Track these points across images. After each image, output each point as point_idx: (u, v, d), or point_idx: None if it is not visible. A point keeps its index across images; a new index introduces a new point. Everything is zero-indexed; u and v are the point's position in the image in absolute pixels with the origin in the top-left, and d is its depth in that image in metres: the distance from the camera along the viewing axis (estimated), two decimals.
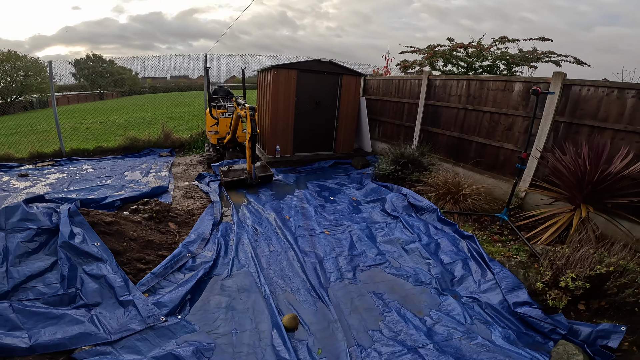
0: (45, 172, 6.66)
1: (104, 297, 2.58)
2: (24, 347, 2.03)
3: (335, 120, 7.29)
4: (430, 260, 3.36)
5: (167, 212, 4.37)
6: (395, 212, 4.44)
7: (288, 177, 6.13)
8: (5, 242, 2.81)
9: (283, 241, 3.78)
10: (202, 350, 2.20)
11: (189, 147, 8.17)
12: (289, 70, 6.37)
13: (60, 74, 38.39)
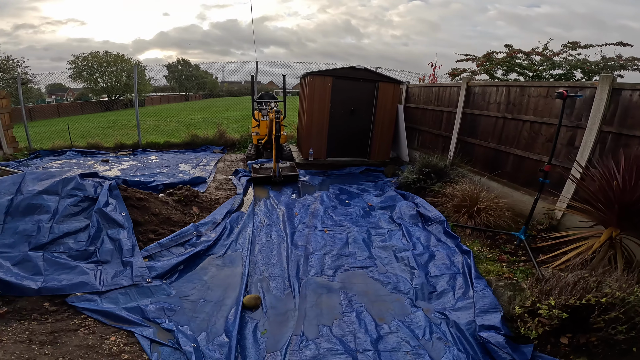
0: (122, 160, 7.94)
1: (113, 256, 3.08)
2: (34, 288, 2.60)
3: (370, 128, 7.28)
4: (416, 270, 3.23)
5: (194, 198, 4.91)
6: (400, 219, 4.34)
7: (314, 179, 6.32)
8: (57, 205, 3.51)
9: (282, 233, 3.98)
10: (166, 310, 2.53)
11: (238, 146, 8.94)
12: (324, 77, 6.60)
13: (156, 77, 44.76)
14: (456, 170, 5.56)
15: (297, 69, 8.76)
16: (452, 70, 8.61)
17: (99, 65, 36.61)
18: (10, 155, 8.62)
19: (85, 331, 2.37)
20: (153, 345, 2.24)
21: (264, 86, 32.10)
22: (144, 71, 35.82)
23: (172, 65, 53.00)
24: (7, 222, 3.12)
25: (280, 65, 9.16)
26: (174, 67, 52.74)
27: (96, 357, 2.14)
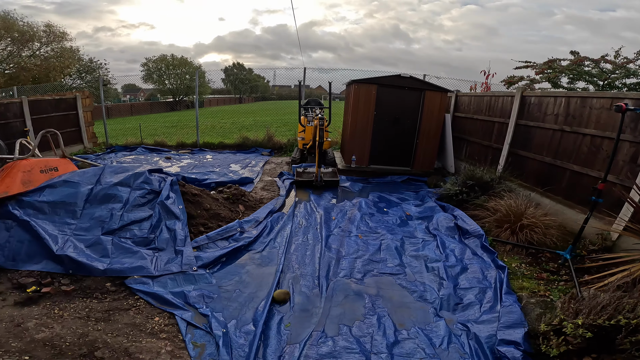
0: (182, 158, 8.84)
1: (168, 245, 3.57)
2: (100, 269, 3.13)
3: (415, 137, 7.26)
4: (445, 281, 3.27)
5: (241, 197, 5.37)
6: (436, 230, 4.36)
7: (355, 186, 6.49)
8: (129, 195, 4.12)
9: (317, 235, 4.22)
10: (205, 296, 2.91)
11: (285, 149, 9.43)
12: (369, 85, 6.76)
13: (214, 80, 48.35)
14: (504, 184, 5.37)
15: (345, 75, 9.03)
16: (508, 78, 8.21)
17: (166, 67, 40.52)
18: (90, 149, 10.05)
19: (135, 311, 2.81)
20: (189, 327, 2.59)
21: (313, 91, 33.09)
22: (203, 74, 38.89)
23: (229, 69, 56.73)
24: (86, 208, 3.77)
25: (329, 70, 9.52)
26: (229, 70, 56.40)
27: (139, 335, 2.53)
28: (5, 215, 3.53)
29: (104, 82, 21.01)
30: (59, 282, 3.06)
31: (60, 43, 24.35)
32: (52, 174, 4.31)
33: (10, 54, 22.21)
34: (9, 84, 20.14)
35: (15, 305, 2.80)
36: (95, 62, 29.55)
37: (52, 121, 9.09)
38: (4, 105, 7.91)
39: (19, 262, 3.23)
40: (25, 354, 2.27)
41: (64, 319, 2.65)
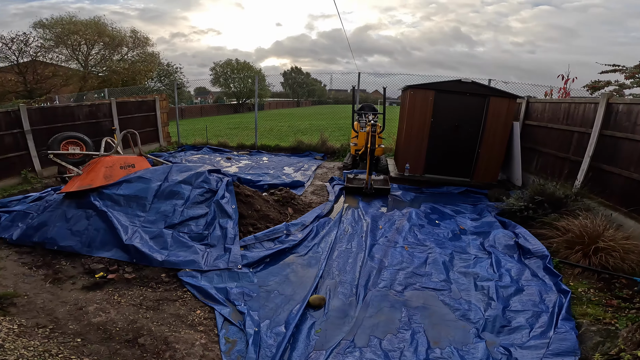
0: (241, 159, 9.48)
1: (219, 242, 3.89)
2: (159, 260, 3.52)
3: (476, 146, 6.84)
4: (494, 301, 3.08)
5: (291, 200, 5.60)
6: (492, 247, 4.10)
7: (406, 195, 6.34)
8: (190, 193, 4.57)
9: (362, 243, 4.24)
10: (245, 294, 3.11)
11: (338, 155, 9.56)
12: (426, 91, 6.55)
13: (273, 84, 50.72)
14: (580, 201, 4.81)
15: (402, 80, 8.86)
16: (592, 83, 7.30)
17: (231, 71, 43.63)
18: (164, 148, 11.27)
19: (181, 302, 3.11)
20: (225, 323, 2.79)
21: (369, 95, 32.89)
22: (264, 78, 41.07)
23: (287, 73, 59.18)
24: (154, 202, 4.27)
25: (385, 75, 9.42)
26: (288, 74, 58.79)
27: (180, 326, 2.80)
28: (87, 205, 4.17)
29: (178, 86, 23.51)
30: (123, 270, 3.52)
31: (143, 48, 27.71)
32: (130, 170, 4.95)
33: (103, 57, 25.83)
34: (101, 86, 23.41)
35: (83, 289, 3.27)
36: (172, 66, 33.07)
37: (135, 121, 10.43)
38: (96, 106, 9.29)
39: (93, 249, 3.81)
40: (79, 336, 2.64)
41: (120, 305, 3.04)
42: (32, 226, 4.21)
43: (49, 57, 23.58)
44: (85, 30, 23.57)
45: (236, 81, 43.84)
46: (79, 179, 4.56)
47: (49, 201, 4.65)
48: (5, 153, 7.01)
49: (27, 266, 3.70)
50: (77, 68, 24.94)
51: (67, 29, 23.07)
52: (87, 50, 24.92)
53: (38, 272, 3.58)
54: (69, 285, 3.33)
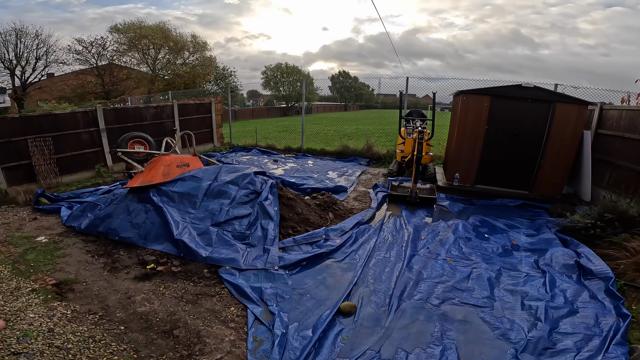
0: (287, 161, 9.80)
1: (259, 242, 4.10)
2: (203, 256, 3.79)
3: (538, 156, 6.36)
4: (540, 322, 2.90)
5: (333, 205, 5.69)
6: (547, 266, 3.86)
7: (454, 206, 6.10)
8: (236, 193, 4.87)
9: (401, 253, 4.19)
10: (278, 296, 3.24)
11: (383, 161, 9.47)
12: (481, 96, 6.23)
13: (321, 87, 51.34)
14: None
15: (455, 84, 8.52)
16: None
17: (281, 75, 45.17)
18: (217, 148, 12.05)
19: (218, 298, 3.31)
20: (255, 321, 2.93)
21: (419, 100, 31.82)
22: (312, 82, 41.86)
23: (335, 77, 59.61)
24: (203, 201, 4.62)
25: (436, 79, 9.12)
26: (336, 78, 59.22)
27: (213, 321, 2.98)
28: (146, 200, 4.64)
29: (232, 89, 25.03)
30: (171, 263, 3.86)
31: (202, 52, 29.87)
32: (185, 169, 5.41)
33: (168, 61, 28.30)
34: (166, 89, 25.68)
35: (134, 279, 3.62)
36: (227, 70, 35.20)
37: (193, 122, 11.32)
38: (160, 108, 10.24)
39: (148, 241, 4.23)
40: (123, 324, 2.92)
41: (164, 296, 3.32)
42: (98, 217, 4.80)
43: (123, 61, 26.52)
44: (154, 35, 26.04)
45: (285, 85, 45.32)
46: (141, 176, 5.09)
47: (116, 194, 5.26)
48: (82, 149, 8.03)
49: (90, 254, 4.19)
50: (146, 71, 27.66)
51: (138, 33, 25.67)
52: (155, 54, 27.50)
53: (99, 260, 4.04)
54: (123, 275, 3.71)
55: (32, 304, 3.15)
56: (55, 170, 7.27)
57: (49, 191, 6.54)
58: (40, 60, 22.34)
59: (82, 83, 24.14)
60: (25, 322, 2.87)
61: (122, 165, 8.42)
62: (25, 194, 6.24)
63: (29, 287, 3.43)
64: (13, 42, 20.73)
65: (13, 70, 21.43)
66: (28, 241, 4.56)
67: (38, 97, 23.24)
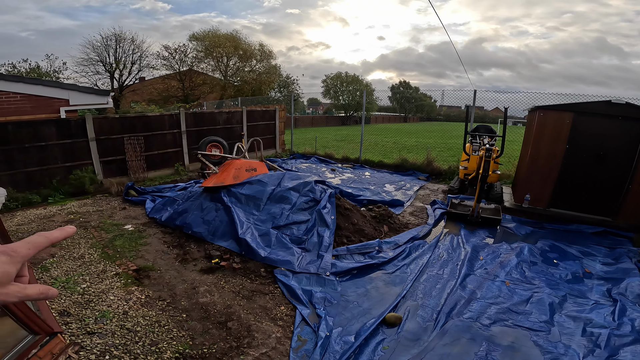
0: (344, 171, 10.14)
1: (314, 248, 4.45)
2: (261, 255, 4.23)
3: (627, 180, 5.83)
4: (599, 349, 2.85)
5: (388, 218, 5.87)
6: (620, 295, 3.69)
7: (521, 228, 5.86)
8: (297, 200, 5.31)
9: (455, 272, 4.23)
10: (326, 300, 3.53)
11: (444, 177, 9.30)
12: (561, 113, 5.92)
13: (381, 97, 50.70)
14: None
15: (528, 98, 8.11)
16: None
17: (340, 84, 45.94)
18: (278, 154, 12.86)
19: (270, 297, 3.66)
20: (302, 322, 3.20)
21: (487, 113, 29.98)
22: (372, 92, 41.82)
23: (395, 87, 58.67)
24: (266, 204, 5.13)
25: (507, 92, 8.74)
26: (396, 88, 58.24)
27: (264, 317, 3.31)
28: (218, 199, 5.29)
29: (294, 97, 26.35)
30: (233, 260, 4.37)
31: (268, 61, 31.87)
32: (252, 173, 6.03)
33: (238, 68, 30.71)
34: (236, 95, 27.92)
35: (200, 271, 4.14)
36: (290, 78, 36.99)
37: (259, 128, 12.31)
38: (231, 113, 11.33)
39: (216, 237, 4.82)
40: (185, 312, 3.35)
41: (224, 290, 3.76)
42: (177, 211, 5.58)
43: (200, 67, 29.47)
44: (226, 43, 28.54)
45: (345, 94, 46.01)
46: (215, 177, 5.81)
47: (192, 192, 6.06)
48: (166, 148, 9.27)
49: (166, 244, 4.89)
50: (219, 77, 30.38)
51: (213, 41, 28.36)
52: (227, 62, 30.10)
53: (173, 251, 4.69)
54: (191, 266, 4.27)
55: (114, 287, 3.70)
56: (143, 166, 8.51)
57: (137, 184, 7.70)
58: (135, 64, 25.86)
59: (166, 87, 27.38)
60: (105, 304, 3.38)
61: (197, 165, 9.52)
62: (117, 186, 7.45)
63: (113, 271, 4.06)
64: (113, 47, 24.29)
65: (112, 73, 25.07)
66: (117, 228, 5.46)
67: (131, 99, 26.88)
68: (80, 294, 3.55)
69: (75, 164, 7.58)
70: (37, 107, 8.77)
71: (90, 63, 23.98)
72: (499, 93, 8.74)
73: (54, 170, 7.34)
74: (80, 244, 4.84)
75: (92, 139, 7.74)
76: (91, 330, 2.97)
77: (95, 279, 3.87)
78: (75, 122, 7.59)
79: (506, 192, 7.48)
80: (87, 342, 2.82)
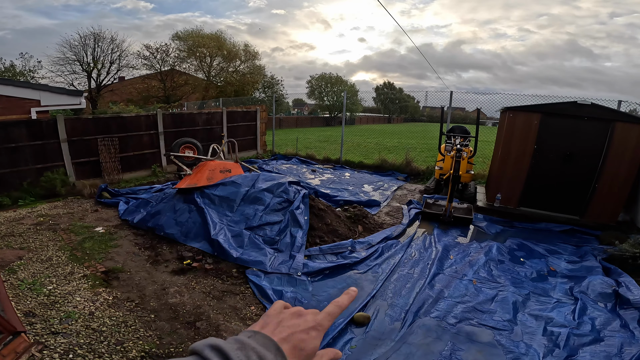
0: (325, 172, 10.16)
1: (286, 248, 4.44)
2: (234, 256, 4.20)
3: (593, 179, 6.04)
4: (558, 349, 2.93)
5: (363, 218, 5.90)
6: (582, 294, 3.80)
7: (491, 227, 5.99)
8: (270, 201, 5.29)
9: (425, 271, 4.28)
10: (297, 300, 3.55)
11: (422, 177, 9.44)
12: (529, 114, 6.09)
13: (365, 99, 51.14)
14: None
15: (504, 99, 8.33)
16: None
17: (325, 85, 46.06)
18: (260, 155, 12.78)
19: (241, 297, 3.65)
20: None
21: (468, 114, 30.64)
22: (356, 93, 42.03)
23: (379, 88, 59.24)
24: (240, 205, 5.09)
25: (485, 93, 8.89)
26: (380, 89, 58.80)
27: (233, 317, 3.30)
28: (191, 200, 5.22)
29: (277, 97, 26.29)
30: (206, 261, 4.32)
31: (253, 61, 31.66)
32: (227, 174, 5.97)
33: (221, 69, 30.39)
34: (218, 95, 27.60)
35: (171, 272, 4.09)
36: (275, 78, 36.86)
37: (239, 129, 12.19)
38: (211, 114, 11.19)
39: (188, 239, 4.76)
40: (154, 312, 3.32)
41: (194, 291, 3.72)
42: (150, 213, 5.48)
43: (183, 67, 29.02)
44: (210, 43, 28.22)
45: (330, 95, 46.17)
46: (189, 178, 5.73)
47: (166, 193, 5.95)
48: (143, 149, 9.09)
49: (138, 246, 4.80)
50: (202, 78, 30.00)
51: (196, 41, 28.00)
52: (210, 62, 29.76)
53: (144, 252, 4.61)
54: (163, 268, 4.21)
55: (81, 289, 3.63)
56: (118, 167, 8.32)
57: (111, 186, 7.52)
58: (114, 64, 25.24)
59: (147, 87, 26.85)
60: (71, 305, 3.33)
61: (174, 167, 9.36)
62: (90, 188, 7.26)
63: (81, 273, 3.97)
64: (91, 46, 23.65)
65: (90, 73, 24.41)
66: (87, 230, 5.32)
67: (109, 99, 26.24)
68: (46, 295, 3.48)
69: (47, 166, 7.35)
70: (8, 107, 8.49)
71: (66, 62, 23.28)
72: (478, 94, 8.92)
73: (25, 172, 7.10)
74: (48, 246, 4.70)
75: (64, 140, 7.53)
76: (55, 330, 2.94)
77: (62, 281, 3.79)
78: (46, 123, 7.37)
79: (480, 192, 7.64)
80: (51, 341, 2.80)
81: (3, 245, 4.63)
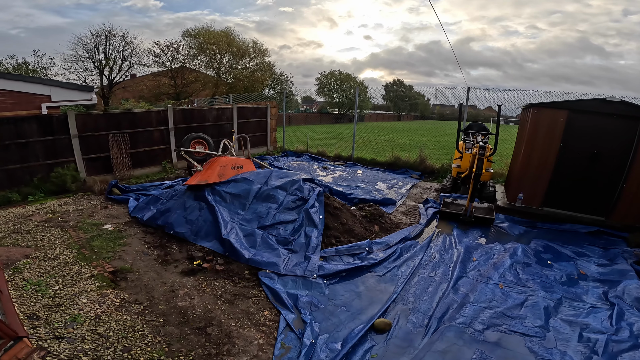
0: (336, 169, 9.94)
1: (301, 249, 4.24)
2: (246, 257, 4.00)
3: (621, 180, 5.71)
4: (596, 356, 2.74)
5: (379, 217, 5.67)
6: (618, 299, 3.55)
7: (514, 228, 5.71)
8: (284, 199, 5.09)
9: (447, 273, 4.05)
10: (313, 304, 3.33)
11: (436, 175, 9.14)
12: (556, 111, 5.77)
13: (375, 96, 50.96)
14: None
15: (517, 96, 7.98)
16: None
17: (334, 82, 45.75)
18: (270, 151, 12.60)
19: (254, 300, 3.45)
20: (286, 328, 3.00)
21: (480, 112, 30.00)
22: (365, 90, 41.67)
23: (389, 85, 58.67)
24: (252, 203, 4.90)
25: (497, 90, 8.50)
26: (390, 87, 58.23)
27: (246, 323, 3.11)
28: (201, 198, 5.05)
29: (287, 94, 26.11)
30: (216, 261, 4.13)
31: (262, 58, 31.53)
32: (238, 171, 5.79)
33: (231, 66, 30.31)
34: (228, 92, 27.55)
35: (181, 273, 3.91)
36: (284, 75, 36.69)
37: (249, 125, 12.02)
38: (221, 110, 11.03)
39: (198, 238, 4.58)
40: (162, 316, 3.14)
41: (205, 293, 3.54)
42: (159, 210, 5.33)
43: (193, 64, 29.02)
44: (219, 40, 28.15)
45: (339, 92, 45.86)
46: (199, 174, 5.56)
47: (176, 190, 5.80)
48: (153, 145, 8.97)
49: (147, 245, 4.63)
50: (212, 75, 29.96)
51: (206, 38, 27.95)
52: (220, 59, 29.70)
53: (153, 252, 4.44)
54: (172, 268, 4.04)
55: (87, 290, 3.48)
56: (128, 163, 8.21)
57: (121, 182, 7.41)
58: (126, 61, 25.34)
59: (158, 84, 26.92)
60: (77, 307, 3.17)
61: (184, 163, 9.23)
62: (100, 184, 7.15)
63: (88, 273, 3.82)
64: (103, 44, 23.75)
65: (102, 70, 24.52)
66: (96, 228, 5.19)
67: (121, 96, 26.36)
68: (51, 296, 3.33)
69: (57, 162, 7.27)
70: (19, 103, 8.43)
71: (79, 59, 23.40)
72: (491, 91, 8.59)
73: (35, 168, 7.02)
74: (56, 244, 4.58)
75: (75, 135, 7.43)
76: (60, 335, 2.78)
77: (69, 281, 3.64)
78: (57, 119, 7.27)
79: (499, 191, 7.34)
80: (55, 347, 2.64)
81: (10, 243, 4.52)
